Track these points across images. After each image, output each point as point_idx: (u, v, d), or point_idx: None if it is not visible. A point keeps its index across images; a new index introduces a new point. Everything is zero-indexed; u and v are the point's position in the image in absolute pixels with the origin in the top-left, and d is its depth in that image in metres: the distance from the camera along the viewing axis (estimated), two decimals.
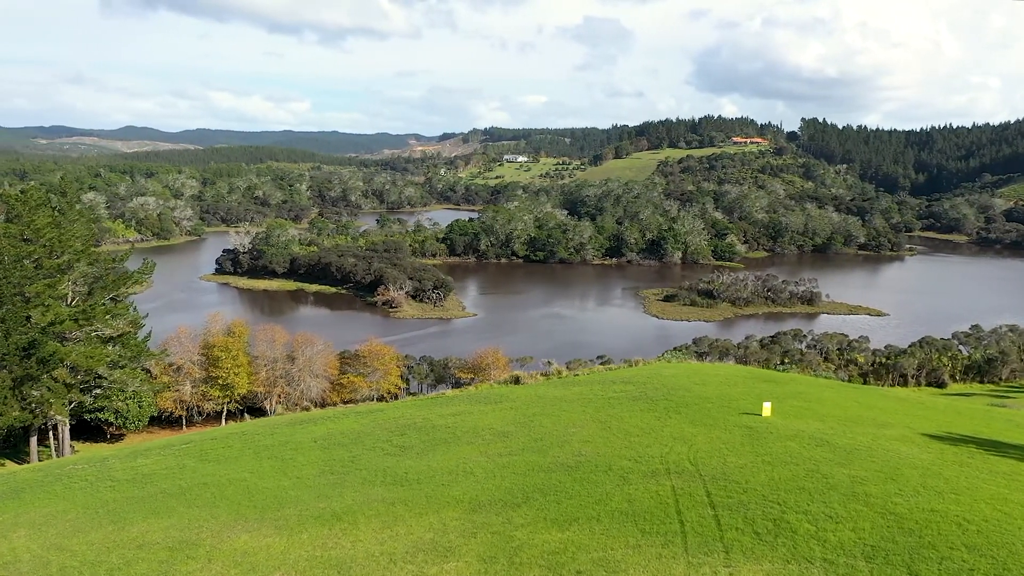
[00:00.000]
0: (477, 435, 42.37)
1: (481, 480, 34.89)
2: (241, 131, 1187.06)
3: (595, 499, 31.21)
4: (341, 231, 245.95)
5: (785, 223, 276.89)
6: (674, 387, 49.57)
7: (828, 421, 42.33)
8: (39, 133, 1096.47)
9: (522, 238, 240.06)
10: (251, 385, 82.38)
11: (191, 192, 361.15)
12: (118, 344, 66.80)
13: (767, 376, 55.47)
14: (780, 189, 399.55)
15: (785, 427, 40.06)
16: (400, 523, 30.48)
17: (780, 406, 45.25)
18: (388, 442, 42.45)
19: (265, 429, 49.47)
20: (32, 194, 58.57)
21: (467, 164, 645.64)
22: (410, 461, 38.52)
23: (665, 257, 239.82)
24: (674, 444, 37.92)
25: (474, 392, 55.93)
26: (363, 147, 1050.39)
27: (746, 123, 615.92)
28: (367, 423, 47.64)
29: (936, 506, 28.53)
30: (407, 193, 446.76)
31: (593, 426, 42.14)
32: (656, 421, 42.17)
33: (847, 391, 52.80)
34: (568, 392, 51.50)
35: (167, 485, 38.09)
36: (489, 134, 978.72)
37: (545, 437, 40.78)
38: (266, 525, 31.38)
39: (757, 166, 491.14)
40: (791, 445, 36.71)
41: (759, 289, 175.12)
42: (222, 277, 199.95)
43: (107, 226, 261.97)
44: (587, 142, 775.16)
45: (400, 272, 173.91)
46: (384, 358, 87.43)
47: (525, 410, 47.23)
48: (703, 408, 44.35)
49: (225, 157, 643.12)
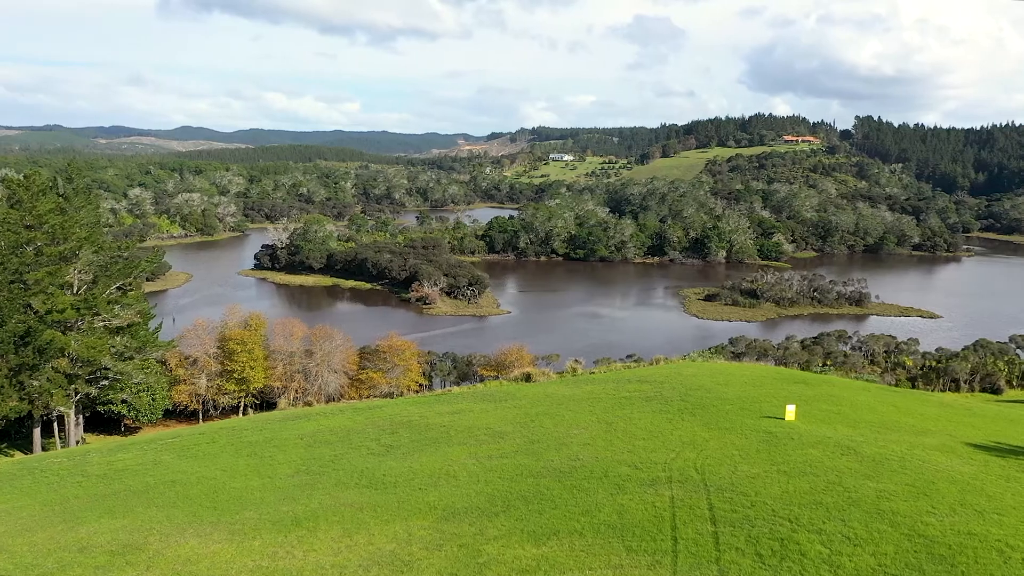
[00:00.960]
0: (471, 435, 39.24)
1: (462, 485, 31.73)
2: (293, 131, 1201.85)
3: (582, 510, 27.82)
4: (380, 227, 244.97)
5: (835, 222, 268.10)
6: (693, 387, 45.81)
7: (859, 427, 38.22)
8: (100, 133, 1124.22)
9: (562, 236, 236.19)
10: (267, 379, 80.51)
11: (237, 189, 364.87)
12: (126, 335, 65.21)
13: (798, 377, 51.29)
14: (832, 188, 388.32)
15: (809, 433, 36.13)
16: (362, 531, 27.48)
17: (807, 409, 41.24)
18: (376, 441, 39.58)
19: (255, 425, 47.07)
20: (35, 179, 57.16)
21: (512, 163, 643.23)
22: (393, 462, 35.56)
23: (709, 256, 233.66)
24: (682, 449, 34.30)
25: (481, 389, 52.83)
26: (412, 147, 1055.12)
27: (798, 121, 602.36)
28: (361, 420, 44.85)
29: (974, 528, 24.57)
30: (451, 191, 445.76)
31: (597, 428, 38.69)
32: (667, 424, 38.54)
33: (885, 394, 48.37)
34: (579, 391, 48.08)
35: (134, 482, 35.72)
36: (536, 133, 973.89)
37: (543, 439, 37.46)
38: (220, 529, 28.66)
39: (808, 165, 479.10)
40: (812, 453, 32.81)
41: (805, 289, 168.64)
42: (260, 272, 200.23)
43: (152, 221, 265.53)
44: (635, 141, 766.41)
45: (435, 268, 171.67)
46: (404, 354, 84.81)
47: (529, 409, 43.95)
48: (721, 410, 40.56)
49: (274, 156, 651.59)
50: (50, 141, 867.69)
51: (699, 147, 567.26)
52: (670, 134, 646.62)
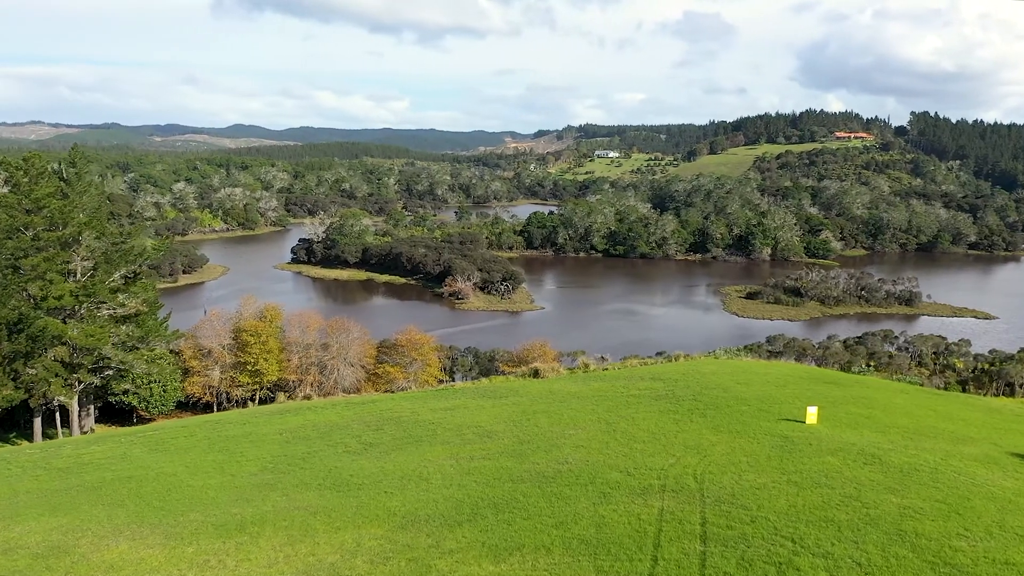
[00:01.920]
0: (458, 434, 36.14)
1: (432, 489, 28.59)
2: (342, 129, 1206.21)
3: (557, 521, 24.46)
4: (418, 222, 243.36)
5: (886, 219, 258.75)
6: (708, 386, 42.04)
7: (890, 432, 34.15)
8: (155, 131, 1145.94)
9: (601, 231, 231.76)
10: (282, 372, 78.54)
11: (281, 184, 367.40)
12: (131, 324, 63.55)
13: (829, 377, 47.11)
14: (885, 185, 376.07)
15: (831, 438, 32.22)
16: (308, 539, 24.50)
17: (833, 412, 37.24)
18: (357, 438, 36.70)
19: (242, 418, 44.66)
20: (34, 163, 55.70)
21: (557, 160, 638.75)
22: (366, 461, 32.62)
23: (753, 253, 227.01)
24: (684, 454, 30.68)
25: (484, 385, 49.73)
26: (459, 145, 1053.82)
27: (850, 118, 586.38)
28: (349, 416, 42.06)
29: (1013, 556, 20.71)
30: (494, 187, 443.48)
31: (595, 428, 35.27)
32: (673, 425, 34.95)
33: (925, 397, 43.97)
34: (586, 388, 44.63)
35: (92, 477, 33.36)
36: (583, 131, 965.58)
37: (534, 439, 34.18)
38: (158, 532, 25.95)
39: (861, 162, 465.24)
40: (831, 461, 28.94)
41: (852, 288, 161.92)
42: (296, 266, 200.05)
43: (195, 215, 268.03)
44: (683, 138, 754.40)
45: (469, 263, 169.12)
46: (423, 348, 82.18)
47: (527, 406, 40.69)
48: (736, 411, 36.80)
49: (321, 153, 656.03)
50: (107, 139, 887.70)
51: (748, 144, 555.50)
52: (718, 131, 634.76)
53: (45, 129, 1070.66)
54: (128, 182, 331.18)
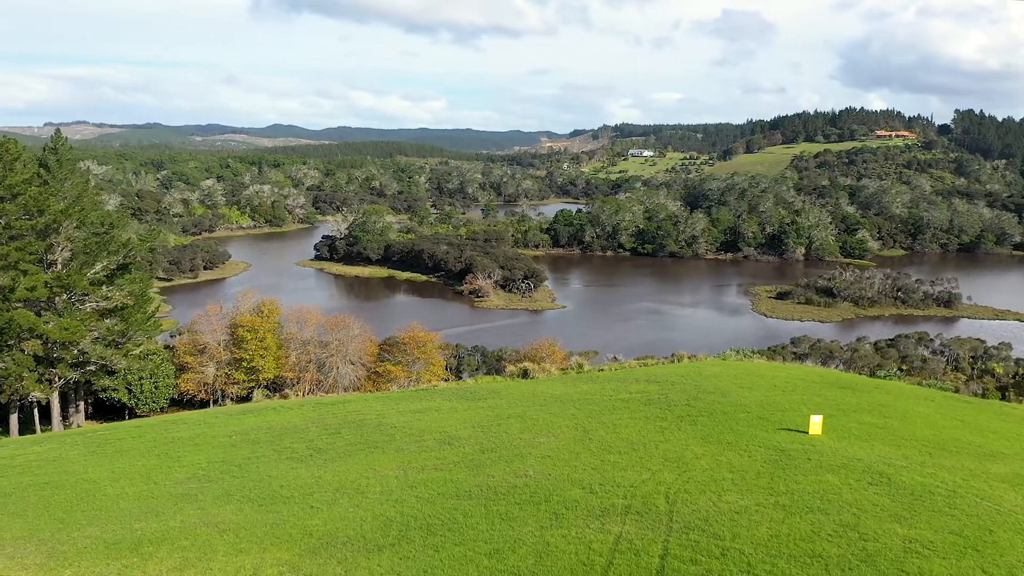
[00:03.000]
0: (419, 439, 32.56)
1: (366, 504, 24.99)
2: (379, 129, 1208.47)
3: (493, 548, 20.68)
4: (443, 219, 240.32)
5: (927, 218, 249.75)
6: (707, 390, 37.95)
7: (906, 446, 29.84)
8: (196, 131, 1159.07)
9: (629, 230, 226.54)
10: (279, 369, 75.73)
11: (311, 182, 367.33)
12: (116, 318, 61.02)
13: (845, 381, 42.67)
14: (926, 184, 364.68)
15: (835, 452, 28.04)
16: (202, 563, 20.99)
17: (844, 422, 32.99)
18: (308, 443, 33.29)
19: (201, 418, 41.57)
20: (8, 148, 53.34)
21: (591, 159, 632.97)
22: (305, 469, 29.16)
23: (786, 253, 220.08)
24: (661, 468, 26.73)
25: (467, 386, 46.18)
26: (495, 145, 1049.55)
27: (892, 116, 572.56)
28: (312, 417, 38.70)
29: None
30: (525, 186, 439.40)
31: (569, 435, 31.44)
32: (656, 434, 30.99)
33: (952, 405, 39.36)
34: (573, 390, 40.80)
35: (8, 483, 30.30)
36: (619, 130, 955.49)
37: (499, 447, 30.47)
38: (43, 550, 22.64)
39: (902, 161, 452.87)
40: (830, 481, 24.79)
41: (887, 288, 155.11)
42: (318, 263, 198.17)
43: (222, 212, 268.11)
44: (719, 138, 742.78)
45: (491, 261, 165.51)
46: (426, 346, 78.86)
47: (504, 410, 36.99)
48: (732, 419, 32.72)
49: (356, 152, 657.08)
50: (149, 138, 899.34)
51: (785, 143, 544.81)
52: (755, 130, 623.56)
53: (90, 129, 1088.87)
54: (161, 179, 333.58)
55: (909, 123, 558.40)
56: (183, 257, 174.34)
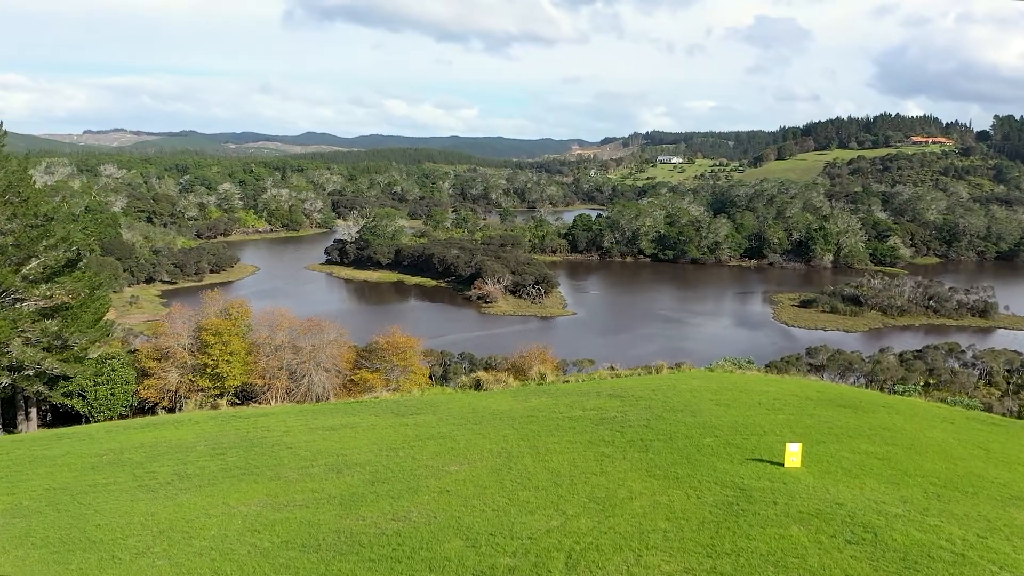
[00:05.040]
0: (307, 464, 26.74)
1: (183, 555, 19.06)
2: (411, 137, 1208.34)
3: None
4: (459, 224, 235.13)
5: (963, 225, 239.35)
6: (675, 408, 31.70)
7: (909, 485, 23.37)
8: (231, 139, 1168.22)
9: (650, 235, 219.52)
10: (246, 376, 70.54)
11: (333, 187, 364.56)
12: (58, 319, 56.08)
13: (846, 399, 36.08)
14: (964, 191, 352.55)
15: (812, 492, 21.69)
16: None
17: (836, 450, 26.59)
18: (180, 466, 27.62)
19: (80, 433, 36.35)
20: None
21: (619, 165, 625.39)
22: (146, 503, 23.46)
23: (813, 260, 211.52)
24: (580, 513, 20.52)
25: (404, 399, 40.36)
26: (526, 152, 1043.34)
27: (929, 122, 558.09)
28: (211, 433, 33.06)
29: None
30: (549, 192, 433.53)
31: (487, 463, 25.43)
32: (594, 464, 24.85)
33: (975, 429, 32.63)
34: (521, 405, 34.74)
35: None
36: (650, 138, 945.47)
37: (396, 477, 24.53)
38: None
39: (939, 167, 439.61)
40: (795, 536, 18.51)
41: (918, 297, 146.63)
42: (327, 267, 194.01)
43: (239, 216, 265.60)
44: (751, 145, 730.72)
45: (501, 265, 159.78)
46: (406, 353, 73.27)
47: (429, 428, 31.07)
48: (693, 445, 26.48)
49: (383, 158, 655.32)
50: (184, 145, 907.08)
51: (818, 149, 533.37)
52: (787, 136, 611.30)
53: (127, 136, 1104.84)
54: (183, 184, 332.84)
55: (946, 129, 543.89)
56: (188, 260, 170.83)
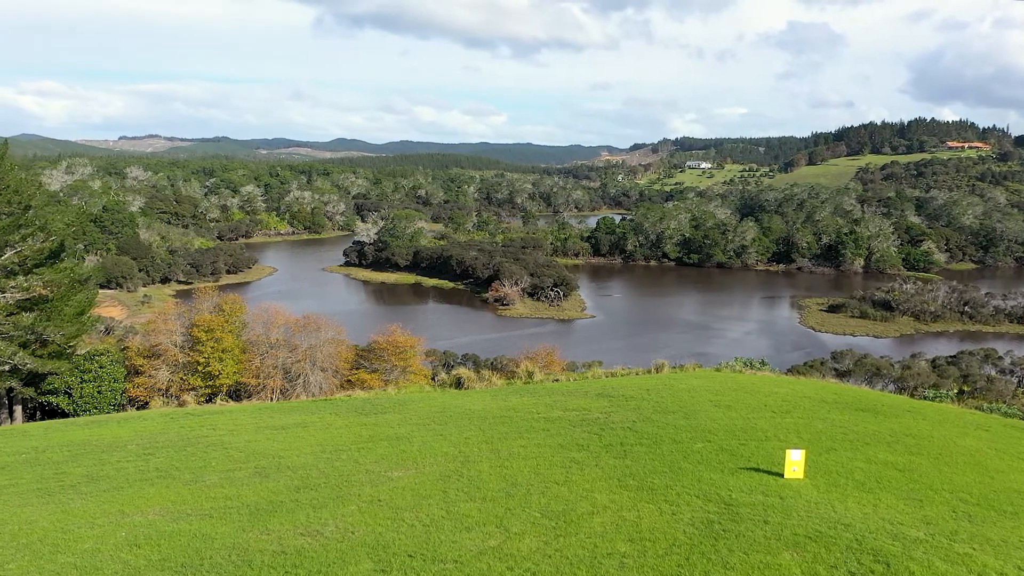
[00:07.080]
0: (234, 468, 23.40)
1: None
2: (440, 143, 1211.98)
3: None
4: (480, 227, 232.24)
5: (1000, 230, 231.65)
6: (666, 409, 27.94)
7: (934, 502, 19.36)
8: (263, 145, 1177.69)
9: (674, 239, 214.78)
10: (239, 375, 67.76)
11: (358, 190, 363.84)
12: (35, 313, 53.64)
13: (867, 402, 32.01)
14: (1001, 197, 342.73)
15: (813, 510, 17.82)
16: None
17: (849, 459, 22.61)
18: (94, 468, 24.49)
19: (18, 432, 33.49)
20: None
21: (647, 171, 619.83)
22: (31, 509, 20.30)
23: (843, 264, 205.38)
24: (526, 531, 16.87)
25: (371, 397, 37.07)
26: (555, 159, 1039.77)
27: (964, 127, 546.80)
28: (152, 431, 29.93)
29: None
30: (575, 196, 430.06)
31: (435, 469, 21.86)
32: (559, 471, 21.19)
33: (1015, 438, 28.41)
34: (498, 404, 31.21)
35: None
36: (679, 144, 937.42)
37: (325, 484, 21.06)
38: None
39: (975, 173, 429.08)
40: (785, 565, 14.72)
41: (953, 302, 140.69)
42: (345, 269, 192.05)
43: (261, 218, 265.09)
44: (782, 151, 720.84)
45: (520, 268, 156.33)
46: (405, 353, 70.10)
47: (385, 429, 27.64)
48: (680, 452, 22.71)
49: (411, 163, 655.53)
50: (216, 151, 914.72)
51: (850, 154, 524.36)
52: (818, 142, 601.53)
53: (161, 142, 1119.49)
54: (209, 186, 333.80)
55: (983, 134, 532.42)
56: (204, 260, 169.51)
